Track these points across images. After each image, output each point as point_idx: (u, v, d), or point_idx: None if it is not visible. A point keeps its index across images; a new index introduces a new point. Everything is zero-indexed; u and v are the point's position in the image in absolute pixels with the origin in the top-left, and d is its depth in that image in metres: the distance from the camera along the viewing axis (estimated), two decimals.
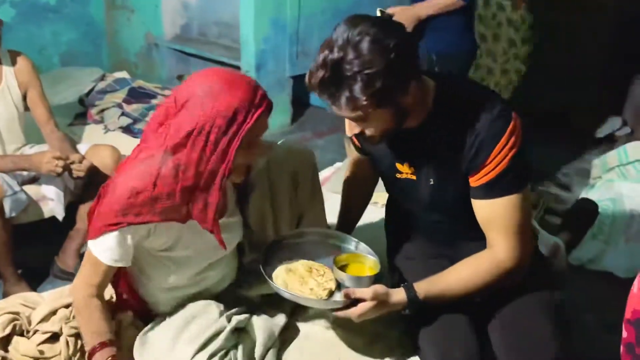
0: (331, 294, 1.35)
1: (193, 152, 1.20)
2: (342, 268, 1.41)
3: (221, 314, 1.41)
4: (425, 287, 1.33)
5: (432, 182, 1.38)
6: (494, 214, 1.31)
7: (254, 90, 1.23)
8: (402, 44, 1.17)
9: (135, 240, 1.29)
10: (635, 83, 3.70)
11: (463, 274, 1.34)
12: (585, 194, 2.88)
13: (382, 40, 1.15)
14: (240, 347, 1.38)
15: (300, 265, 1.41)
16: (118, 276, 1.45)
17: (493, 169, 1.27)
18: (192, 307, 1.42)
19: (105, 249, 1.27)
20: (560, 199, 3.15)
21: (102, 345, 1.27)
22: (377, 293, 1.29)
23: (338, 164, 2.83)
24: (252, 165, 1.36)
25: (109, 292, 1.50)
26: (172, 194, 1.22)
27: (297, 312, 1.56)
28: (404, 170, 1.42)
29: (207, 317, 1.39)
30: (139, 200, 1.21)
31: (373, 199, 1.87)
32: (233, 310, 1.44)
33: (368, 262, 1.45)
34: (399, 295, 1.32)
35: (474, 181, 1.31)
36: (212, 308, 1.42)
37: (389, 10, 2.18)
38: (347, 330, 1.52)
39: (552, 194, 3.22)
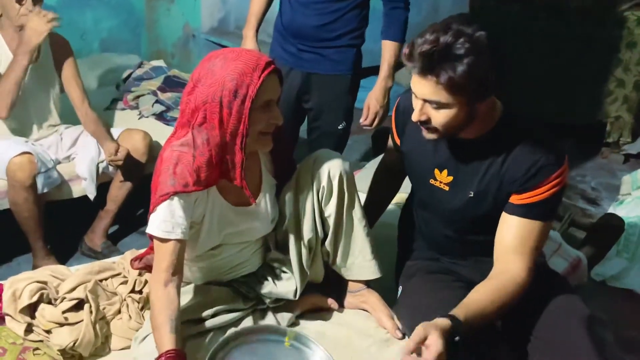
0: None
1: (213, 118, 1.28)
2: None
3: (212, 305, 1.44)
4: (463, 311, 1.28)
5: (471, 195, 1.42)
6: (525, 234, 1.37)
7: (258, 55, 1.32)
8: (505, 56, 1.25)
9: (186, 209, 1.32)
10: None
11: (493, 297, 1.33)
12: (613, 209, 2.84)
13: (494, 43, 1.21)
14: None
15: None
16: None
17: (541, 194, 1.35)
18: (190, 287, 1.49)
19: (159, 222, 1.31)
20: (587, 214, 3.11)
21: (167, 356, 1.23)
22: (428, 330, 1.19)
23: (364, 164, 2.85)
24: (275, 133, 1.39)
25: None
26: (210, 161, 1.31)
27: (307, 313, 1.61)
28: (441, 179, 1.46)
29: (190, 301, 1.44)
30: (184, 172, 1.29)
31: (395, 200, 1.88)
32: (226, 308, 1.47)
33: None
34: (442, 322, 1.25)
35: (518, 199, 1.37)
36: (207, 294, 1.47)
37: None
38: (360, 333, 1.56)
39: (579, 208, 3.18)
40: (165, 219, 1.30)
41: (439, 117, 1.29)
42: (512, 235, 1.38)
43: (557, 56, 3.84)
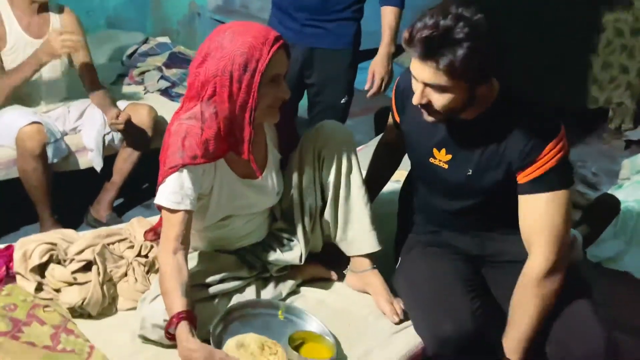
0: None
1: (223, 92, 1.30)
2: (297, 348, 1.35)
3: (219, 272, 1.47)
4: (513, 345, 1.37)
5: (470, 173, 1.44)
6: (539, 210, 1.36)
7: (267, 29, 1.34)
8: (503, 38, 1.27)
9: (194, 181, 1.34)
10: None
11: (536, 307, 1.37)
12: (611, 193, 2.86)
13: (493, 27, 1.23)
14: None
15: (253, 340, 1.32)
16: None
17: (542, 166, 1.35)
18: (197, 253, 1.53)
19: (168, 193, 1.33)
20: (585, 197, 3.13)
21: (179, 317, 1.25)
22: None
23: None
24: (282, 106, 1.41)
25: None
26: (218, 134, 1.33)
27: (307, 282, 1.65)
28: (439, 157, 1.48)
29: (196, 269, 1.47)
30: (192, 145, 1.31)
31: (395, 177, 1.91)
32: (232, 275, 1.50)
33: (324, 343, 1.39)
34: None
35: (523, 177, 1.38)
36: (214, 260, 1.50)
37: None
38: (358, 303, 1.60)
39: (577, 191, 3.20)
40: (175, 191, 1.32)
41: (440, 100, 1.30)
42: (535, 214, 1.37)
43: (561, 41, 3.84)
